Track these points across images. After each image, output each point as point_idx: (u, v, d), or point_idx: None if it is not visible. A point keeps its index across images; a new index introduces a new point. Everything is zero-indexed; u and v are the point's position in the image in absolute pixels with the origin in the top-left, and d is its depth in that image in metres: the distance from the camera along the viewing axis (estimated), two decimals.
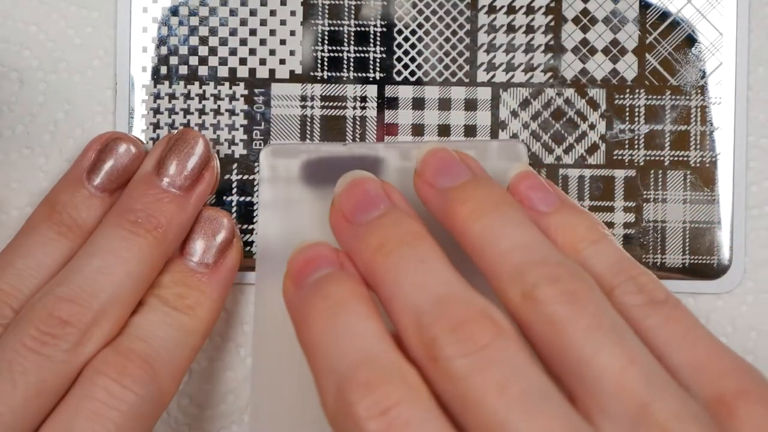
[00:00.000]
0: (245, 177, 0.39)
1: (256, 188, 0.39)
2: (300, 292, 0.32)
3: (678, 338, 0.31)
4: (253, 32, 0.39)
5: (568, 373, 0.29)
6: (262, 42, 0.39)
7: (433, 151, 0.35)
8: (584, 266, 0.33)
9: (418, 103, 0.39)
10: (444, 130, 0.39)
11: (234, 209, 0.39)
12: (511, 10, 0.39)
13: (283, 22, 0.39)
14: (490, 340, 0.29)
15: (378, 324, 0.30)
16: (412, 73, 0.39)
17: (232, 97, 0.39)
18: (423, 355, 0.29)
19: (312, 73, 0.39)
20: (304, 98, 0.39)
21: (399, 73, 0.39)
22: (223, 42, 0.39)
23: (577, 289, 0.30)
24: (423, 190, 0.34)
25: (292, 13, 0.39)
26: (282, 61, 0.39)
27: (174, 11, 0.39)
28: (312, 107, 0.39)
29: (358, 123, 0.39)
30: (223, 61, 0.39)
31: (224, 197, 0.39)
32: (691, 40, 0.39)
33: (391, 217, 0.33)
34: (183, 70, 0.39)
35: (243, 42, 0.39)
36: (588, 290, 0.30)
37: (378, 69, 0.39)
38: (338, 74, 0.39)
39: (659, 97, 0.39)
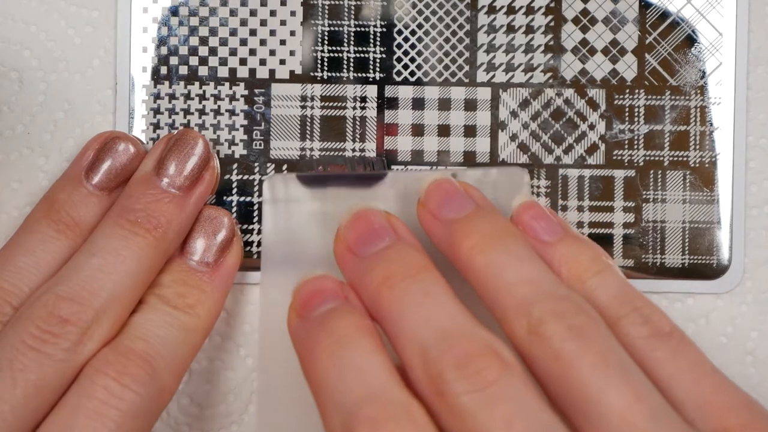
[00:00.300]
0: (245, 177, 0.39)
1: (256, 188, 0.39)
2: (305, 325, 0.32)
3: (684, 372, 0.31)
4: (253, 32, 0.39)
5: (574, 409, 0.29)
6: (262, 42, 0.39)
7: (436, 182, 0.35)
8: (589, 296, 0.33)
9: (418, 103, 0.39)
10: (444, 130, 0.39)
11: (234, 209, 0.39)
12: (511, 10, 0.39)
13: (283, 23, 0.39)
14: (497, 376, 0.29)
15: (384, 358, 0.30)
16: (412, 74, 0.39)
17: (232, 97, 0.39)
18: (429, 389, 0.29)
19: (312, 74, 0.39)
20: (304, 98, 0.39)
21: (399, 73, 0.39)
22: (223, 42, 0.39)
23: (583, 324, 0.30)
24: (427, 221, 0.35)
25: (292, 14, 0.39)
26: (282, 62, 0.39)
27: (174, 11, 0.39)
28: (312, 107, 0.39)
29: (358, 123, 0.39)
30: (223, 62, 0.39)
31: (224, 197, 0.39)
32: (690, 40, 0.39)
33: (395, 250, 0.33)
34: (183, 70, 0.39)
35: (243, 42, 0.39)
36: (594, 326, 0.30)
37: (378, 69, 0.39)
38: (338, 74, 0.39)
39: (659, 97, 0.39)
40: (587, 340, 0.30)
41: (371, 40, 0.39)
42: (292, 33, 0.39)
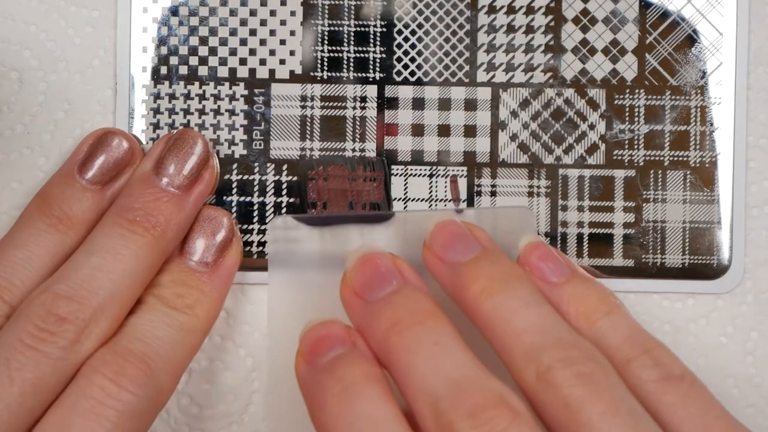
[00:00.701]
0: (245, 177, 0.39)
1: (255, 188, 0.39)
2: (313, 371, 0.32)
3: (694, 417, 0.31)
4: (253, 32, 0.39)
5: None
6: (262, 42, 0.39)
7: (442, 223, 0.35)
8: (599, 338, 0.33)
9: (418, 103, 0.39)
10: (444, 130, 0.39)
11: (234, 209, 0.39)
12: (511, 10, 0.39)
13: (283, 22, 0.39)
14: (507, 425, 0.29)
15: (393, 407, 0.30)
16: (412, 73, 0.39)
17: (232, 97, 0.39)
18: None
19: (312, 73, 0.39)
20: (304, 98, 0.39)
21: (399, 73, 0.39)
22: (223, 42, 0.39)
23: (592, 371, 0.30)
24: (432, 263, 0.34)
25: (292, 13, 0.39)
26: (282, 61, 0.39)
27: (174, 11, 0.39)
28: (312, 107, 0.39)
29: (358, 123, 0.39)
30: (223, 61, 0.39)
31: (224, 197, 0.39)
32: (691, 40, 0.39)
33: (403, 294, 0.33)
34: (183, 70, 0.39)
35: (243, 42, 0.39)
36: (603, 373, 0.30)
37: (378, 69, 0.39)
38: (338, 74, 0.39)
39: (659, 97, 0.39)
40: (596, 387, 0.30)
41: (371, 40, 0.39)
42: (292, 33, 0.39)
